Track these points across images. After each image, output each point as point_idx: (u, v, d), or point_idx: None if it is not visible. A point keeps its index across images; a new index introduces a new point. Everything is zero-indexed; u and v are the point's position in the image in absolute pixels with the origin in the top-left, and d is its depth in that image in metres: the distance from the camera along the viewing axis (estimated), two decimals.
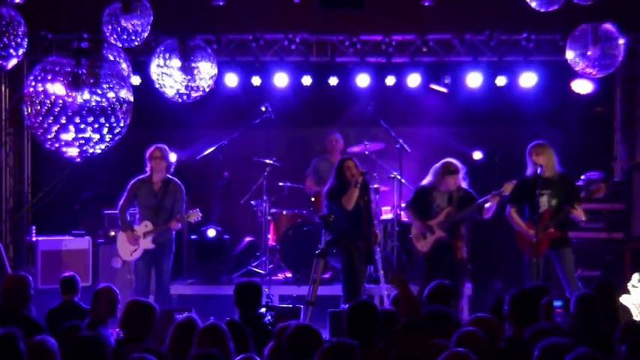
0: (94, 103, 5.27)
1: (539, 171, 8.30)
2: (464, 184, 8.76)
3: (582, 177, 10.21)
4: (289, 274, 10.31)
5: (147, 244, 8.83)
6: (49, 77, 5.32)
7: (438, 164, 8.75)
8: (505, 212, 8.62)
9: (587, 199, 8.55)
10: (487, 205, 8.55)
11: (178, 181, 9.01)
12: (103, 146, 5.37)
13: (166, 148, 8.98)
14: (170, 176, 8.96)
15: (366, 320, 5.23)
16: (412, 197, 8.99)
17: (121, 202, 8.98)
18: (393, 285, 6.12)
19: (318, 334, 4.95)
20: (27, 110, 5.32)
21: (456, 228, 8.66)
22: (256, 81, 10.69)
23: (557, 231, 8.35)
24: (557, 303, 6.31)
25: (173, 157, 9.31)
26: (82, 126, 5.24)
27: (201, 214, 8.92)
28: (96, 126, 5.27)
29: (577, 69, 8.44)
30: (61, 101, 5.26)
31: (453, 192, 8.68)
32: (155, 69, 8.04)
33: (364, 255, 8.49)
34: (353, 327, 5.20)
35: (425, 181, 8.84)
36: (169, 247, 8.93)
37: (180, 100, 8.23)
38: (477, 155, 10.94)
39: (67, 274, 7.37)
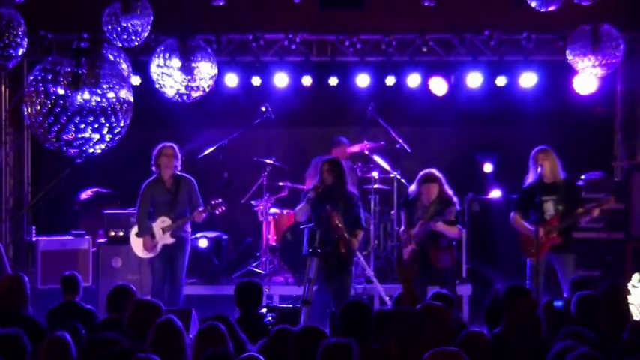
0: (94, 103, 5.28)
1: (539, 171, 8.28)
2: (448, 191, 8.62)
3: (582, 177, 10.24)
4: (289, 274, 10.30)
5: (166, 238, 8.80)
6: (49, 77, 5.32)
7: (420, 173, 8.66)
8: (509, 217, 8.62)
9: (593, 209, 8.48)
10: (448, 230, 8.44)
11: (189, 176, 9.00)
12: (103, 146, 5.37)
13: (176, 146, 8.95)
14: (179, 173, 8.93)
15: (360, 320, 5.23)
16: (403, 200, 8.91)
17: (138, 208, 8.90)
18: (399, 276, 6.03)
19: (325, 336, 4.95)
20: (27, 110, 5.32)
21: (434, 239, 8.45)
22: (256, 81, 10.68)
23: (559, 237, 8.32)
24: (558, 303, 6.32)
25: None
26: (82, 126, 5.25)
27: (225, 205, 8.87)
28: (96, 126, 5.27)
29: (577, 69, 8.44)
30: (61, 101, 5.27)
31: (433, 202, 8.48)
32: (155, 69, 8.06)
33: (335, 261, 8.18)
34: (346, 327, 5.20)
35: (411, 189, 8.76)
36: (185, 244, 8.92)
37: (180, 100, 8.24)
38: (488, 168, 10.93)
39: (68, 272, 7.34)
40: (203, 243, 10.37)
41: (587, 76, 9.08)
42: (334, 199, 8.17)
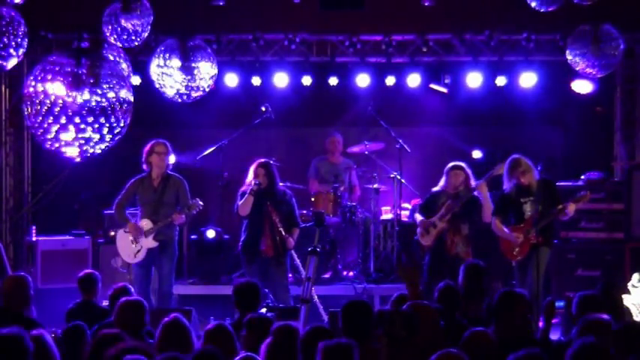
0: (94, 103, 5.27)
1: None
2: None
3: (582, 177, 10.24)
4: (290, 274, 10.29)
5: (149, 242, 8.54)
6: (49, 77, 5.32)
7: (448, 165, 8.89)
8: (492, 224, 8.69)
9: (571, 205, 8.54)
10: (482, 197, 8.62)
11: (179, 176, 8.77)
12: (103, 146, 5.37)
13: (168, 144, 8.77)
14: (170, 172, 8.72)
15: (361, 320, 5.23)
16: (424, 201, 9.09)
17: (118, 199, 8.72)
18: (403, 278, 6.08)
19: (332, 336, 4.95)
20: (27, 110, 5.32)
21: (455, 224, 8.68)
22: (256, 81, 10.69)
23: (538, 237, 8.31)
24: (559, 303, 6.33)
25: (172, 158, 9.22)
26: (82, 126, 5.24)
27: (201, 204, 8.58)
28: (96, 126, 5.27)
29: (577, 69, 8.44)
30: (60, 101, 5.26)
31: (460, 191, 8.70)
32: (155, 69, 8.04)
33: (272, 261, 8.55)
34: (348, 326, 5.20)
35: (436, 188, 8.91)
36: (172, 248, 8.65)
37: (180, 100, 8.23)
38: (477, 154, 10.95)
39: (85, 272, 7.31)
40: (211, 234, 10.34)
41: (586, 76, 9.10)
42: (269, 197, 8.56)
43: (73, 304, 7.12)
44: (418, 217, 8.95)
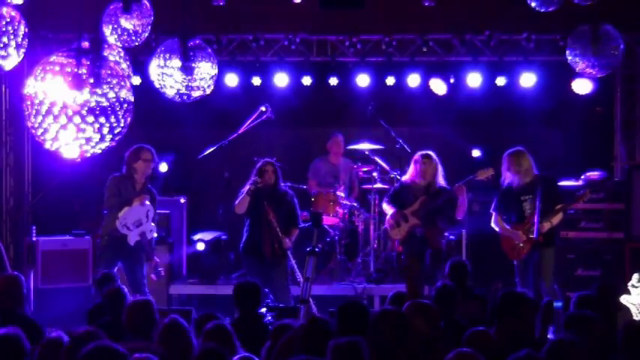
0: (94, 104, 5.27)
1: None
2: (442, 182, 8.80)
3: (582, 177, 10.24)
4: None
5: (133, 240, 8.41)
6: (49, 77, 5.32)
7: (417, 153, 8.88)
8: (492, 220, 8.69)
9: (571, 204, 8.59)
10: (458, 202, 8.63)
11: (154, 189, 8.69)
12: (103, 146, 5.37)
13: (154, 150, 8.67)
14: (149, 185, 8.64)
15: (357, 321, 5.24)
16: (393, 190, 9.08)
17: (111, 201, 8.53)
18: (407, 273, 6.11)
19: (331, 330, 4.96)
20: (27, 110, 5.31)
21: (431, 218, 8.67)
22: (256, 81, 10.70)
23: (539, 235, 8.30)
24: (558, 304, 6.33)
25: (164, 166, 9.15)
26: (82, 126, 5.24)
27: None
28: (96, 126, 5.27)
29: (577, 69, 8.44)
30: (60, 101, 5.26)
31: (430, 184, 8.70)
32: (155, 69, 8.04)
33: (271, 261, 8.56)
34: (343, 327, 5.21)
35: (405, 177, 8.92)
36: (142, 256, 8.56)
37: (180, 100, 8.23)
38: (476, 153, 10.97)
39: (104, 271, 7.31)
40: (200, 247, 10.37)
41: (586, 76, 9.12)
42: (269, 196, 8.54)
43: (92, 306, 7.07)
44: (387, 207, 8.94)
